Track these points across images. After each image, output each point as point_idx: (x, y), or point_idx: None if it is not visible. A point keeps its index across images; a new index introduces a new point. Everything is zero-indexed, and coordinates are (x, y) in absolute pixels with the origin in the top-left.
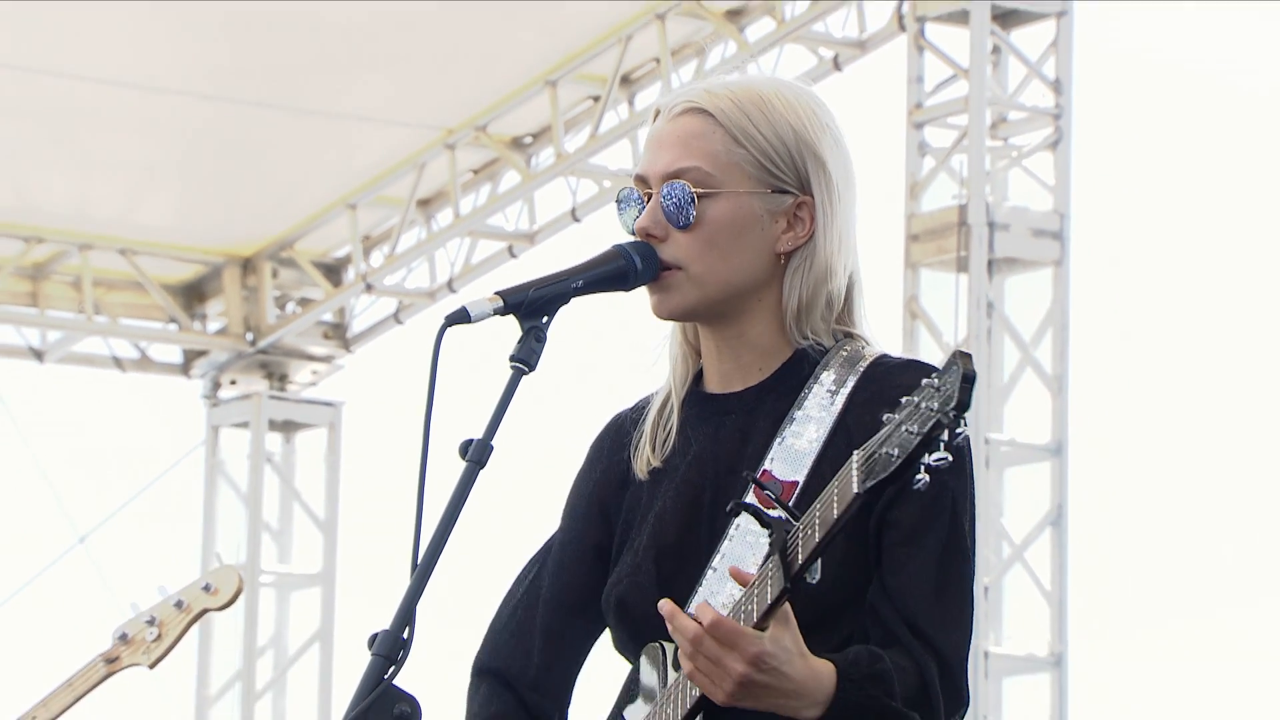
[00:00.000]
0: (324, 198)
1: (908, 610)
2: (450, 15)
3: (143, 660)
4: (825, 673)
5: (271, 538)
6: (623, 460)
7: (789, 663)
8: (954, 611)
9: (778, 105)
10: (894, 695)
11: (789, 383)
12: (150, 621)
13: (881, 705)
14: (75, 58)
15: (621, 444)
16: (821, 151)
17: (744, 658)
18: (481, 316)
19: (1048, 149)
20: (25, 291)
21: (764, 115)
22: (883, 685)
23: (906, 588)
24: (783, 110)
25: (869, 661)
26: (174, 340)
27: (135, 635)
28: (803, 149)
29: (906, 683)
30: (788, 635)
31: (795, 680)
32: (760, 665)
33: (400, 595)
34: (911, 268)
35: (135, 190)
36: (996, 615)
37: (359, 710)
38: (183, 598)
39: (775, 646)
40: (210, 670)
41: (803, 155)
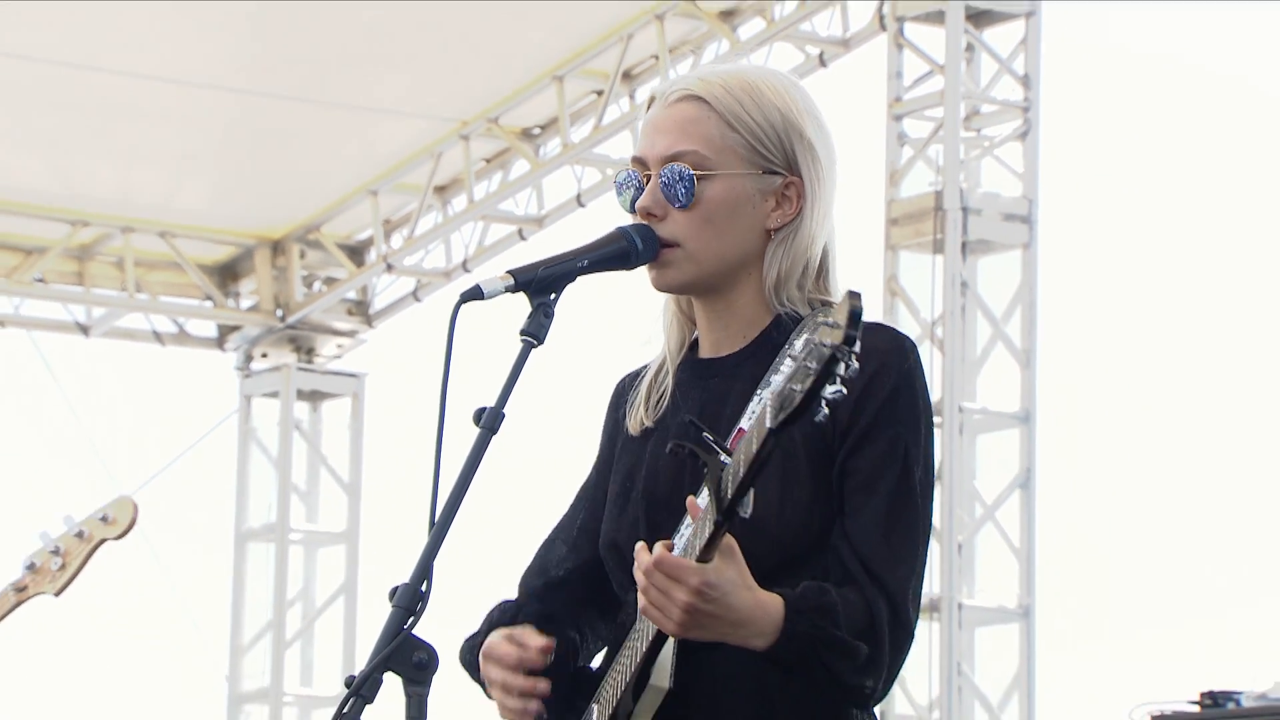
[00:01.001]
0: (348, 184)
1: (861, 550)
2: (464, 15)
3: (48, 588)
4: (773, 605)
5: (299, 499)
6: (621, 418)
7: (732, 593)
8: (903, 552)
9: (766, 92)
10: (839, 626)
11: (766, 348)
12: (55, 551)
13: (828, 636)
14: (117, 55)
15: (620, 404)
16: (807, 134)
17: (688, 588)
18: (494, 294)
19: (1017, 139)
20: (72, 271)
21: (754, 102)
22: (829, 617)
23: (861, 530)
24: (771, 97)
25: (816, 595)
26: (209, 316)
27: (42, 564)
28: (790, 132)
29: (853, 615)
30: (731, 567)
31: (740, 610)
32: (704, 595)
33: (419, 551)
34: (891, 249)
35: (174, 177)
36: (969, 570)
37: (381, 657)
38: (84, 528)
39: (718, 577)
40: (243, 621)
41: (790, 138)
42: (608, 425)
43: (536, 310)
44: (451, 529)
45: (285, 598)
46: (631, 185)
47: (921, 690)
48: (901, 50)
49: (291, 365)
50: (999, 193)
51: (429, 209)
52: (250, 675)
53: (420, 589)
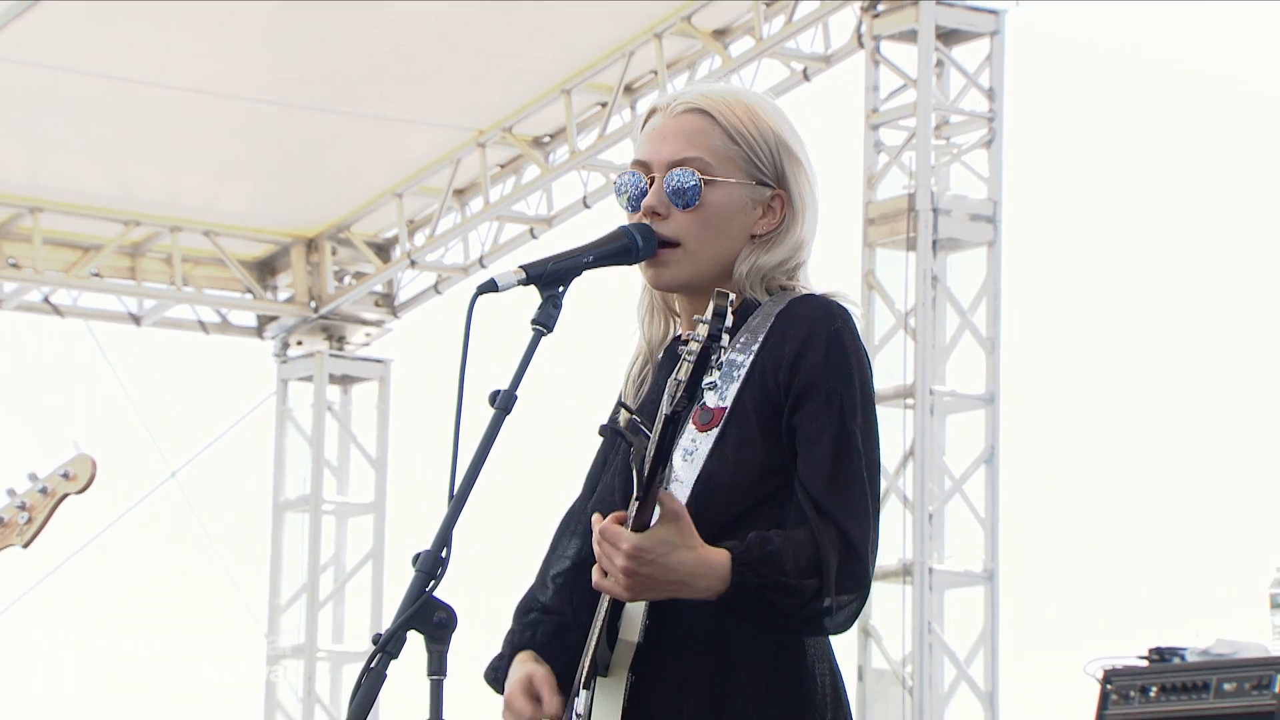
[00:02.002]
0: (375, 188)
1: (812, 493)
2: (480, 35)
3: (16, 541)
4: (718, 560)
5: (331, 473)
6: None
7: (669, 554)
8: (854, 499)
9: (761, 114)
10: (786, 571)
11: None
12: (22, 506)
13: (773, 582)
14: (166, 71)
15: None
16: (795, 152)
17: (622, 554)
18: (507, 286)
19: (983, 147)
20: (125, 266)
21: (753, 120)
22: (774, 563)
23: (809, 476)
24: (766, 118)
25: (760, 545)
26: (249, 308)
27: (10, 519)
28: (781, 150)
29: (799, 554)
30: (670, 529)
31: (679, 569)
32: (637, 559)
33: (439, 521)
34: (869, 247)
35: (217, 181)
36: (939, 538)
37: (405, 617)
38: (46, 484)
39: (649, 541)
40: (281, 584)
41: (781, 155)
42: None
43: (546, 302)
44: (469, 500)
45: (319, 563)
46: (631, 188)
47: (896, 646)
48: (878, 66)
49: (324, 352)
50: (966, 195)
51: (449, 210)
52: (287, 632)
53: (440, 555)
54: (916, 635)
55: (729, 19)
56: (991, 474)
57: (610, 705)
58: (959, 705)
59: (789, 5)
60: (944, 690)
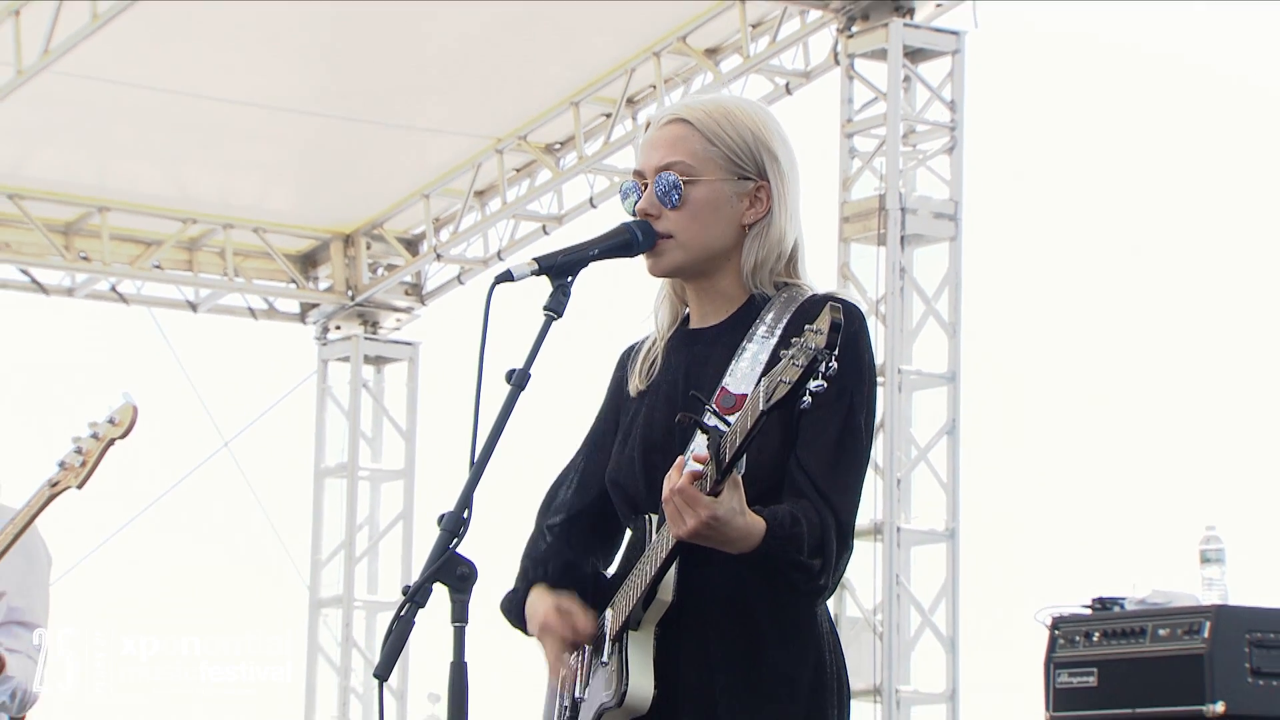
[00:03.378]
0: (405, 190)
1: (813, 475)
2: (498, 54)
3: (73, 482)
4: (756, 528)
5: (366, 443)
6: (623, 380)
7: (731, 522)
8: (848, 480)
9: (739, 116)
10: (803, 551)
11: (743, 321)
12: (78, 450)
13: (794, 560)
14: (219, 86)
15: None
16: (774, 148)
17: (698, 517)
18: (522, 276)
19: (945, 153)
20: (183, 259)
21: (729, 122)
22: (796, 544)
23: (813, 458)
24: (743, 119)
25: (790, 524)
26: (293, 296)
27: (69, 462)
28: (759, 146)
29: (813, 535)
30: (735, 499)
31: (735, 532)
32: (710, 525)
33: (461, 485)
34: (844, 242)
35: (265, 184)
36: (906, 500)
37: (430, 571)
38: (97, 430)
39: (723, 509)
40: (321, 541)
41: (759, 151)
42: (612, 385)
43: (556, 290)
44: (488, 467)
45: (355, 522)
46: (633, 192)
47: (868, 597)
48: (852, 81)
49: (360, 335)
50: (930, 196)
51: (470, 209)
52: (327, 584)
53: (463, 516)
54: (886, 587)
55: (719, 39)
56: (953, 444)
57: (641, 654)
58: (924, 649)
59: (773, 27)
60: (910, 636)
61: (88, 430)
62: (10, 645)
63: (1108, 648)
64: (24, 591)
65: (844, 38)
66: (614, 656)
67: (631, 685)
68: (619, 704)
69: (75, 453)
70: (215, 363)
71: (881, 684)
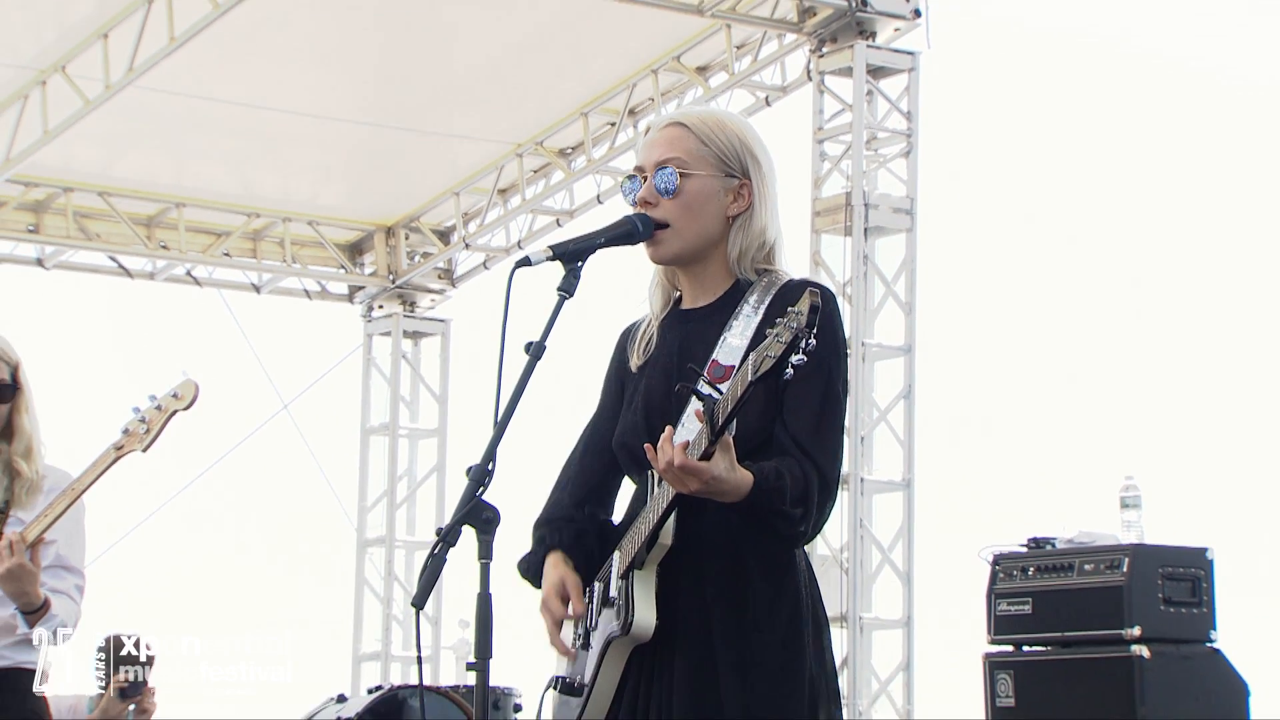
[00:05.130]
0: (438, 188)
1: (797, 435)
2: (518, 71)
3: (138, 446)
4: (746, 482)
5: (405, 406)
6: (624, 357)
7: (724, 480)
8: (829, 440)
9: (727, 124)
10: (786, 502)
11: (730, 303)
12: (142, 420)
13: (778, 510)
14: (279, 98)
15: (624, 346)
16: (756, 152)
17: (699, 481)
18: (539, 261)
19: (902, 156)
20: (248, 248)
21: (720, 128)
22: (780, 495)
23: (797, 421)
24: (731, 126)
25: (775, 478)
26: (343, 280)
27: (133, 429)
28: (743, 150)
29: (796, 488)
30: (725, 460)
31: (728, 486)
32: (708, 485)
33: (487, 441)
34: (815, 233)
35: (318, 183)
36: (869, 456)
37: (460, 515)
38: (161, 402)
39: (717, 470)
40: (367, 489)
41: (743, 154)
42: (614, 362)
43: (569, 273)
44: (509, 426)
45: (396, 474)
46: (634, 186)
47: (835, 538)
48: (822, 94)
49: (399, 314)
50: (890, 193)
51: (494, 205)
52: (372, 527)
53: (488, 468)
54: (851, 529)
55: (709, 58)
56: (909, 407)
57: (645, 590)
58: (883, 583)
59: (754, 48)
60: (872, 571)
61: (149, 401)
62: (55, 586)
63: (1041, 580)
64: (69, 539)
65: (816, 57)
66: (621, 592)
67: (637, 616)
68: (626, 632)
69: (139, 421)
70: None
71: (847, 612)
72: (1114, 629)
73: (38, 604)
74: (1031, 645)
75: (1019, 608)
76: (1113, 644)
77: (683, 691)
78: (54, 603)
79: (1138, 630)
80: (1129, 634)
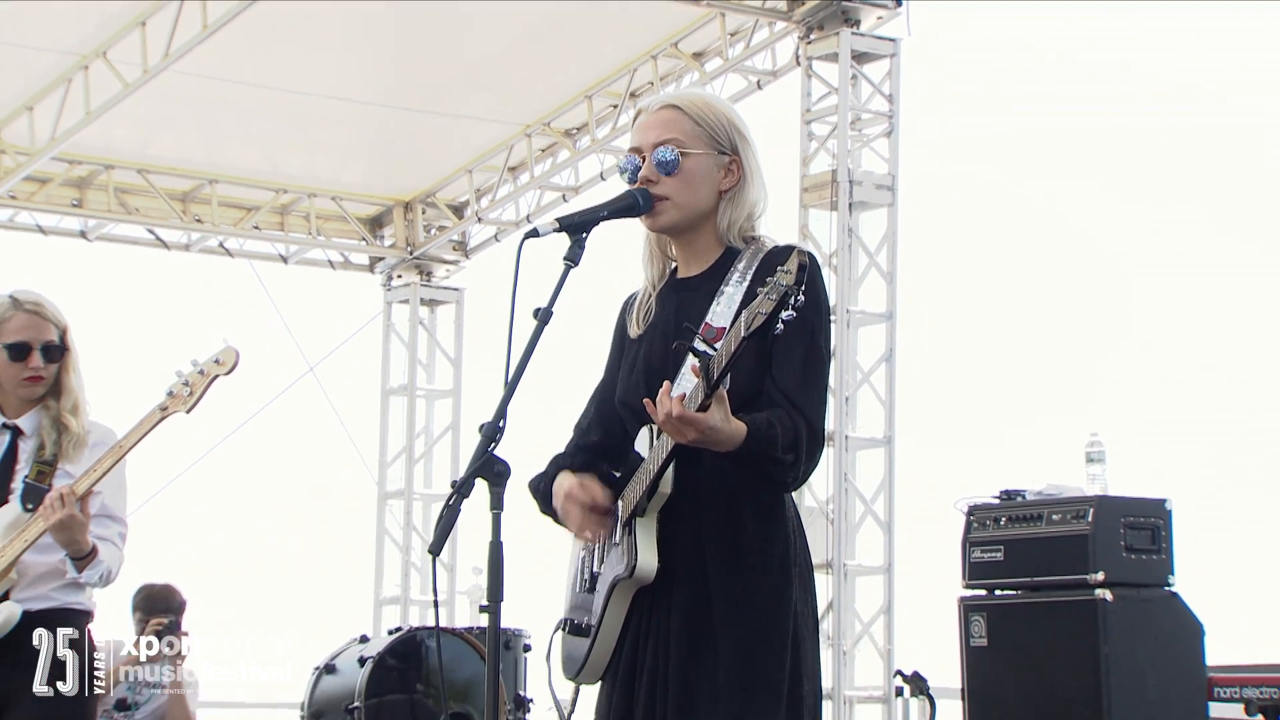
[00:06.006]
0: (452, 165)
1: (786, 389)
2: (528, 57)
3: (181, 408)
4: (740, 431)
5: (422, 368)
6: (625, 325)
7: (720, 429)
8: (814, 391)
9: (717, 105)
10: (777, 448)
11: (721, 270)
12: (185, 383)
13: (770, 455)
14: (304, 81)
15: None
16: (743, 132)
17: (695, 430)
18: (546, 233)
19: (884, 136)
20: (276, 222)
21: (711, 110)
22: (772, 442)
23: (785, 376)
24: (720, 108)
25: (767, 427)
26: (364, 251)
27: (177, 391)
28: (733, 129)
29: (786, 436)
30: (720, 411)
31: (724, 435)
32: (705, 435)
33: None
34: (804, 208)
35: (341, 161)
36: (853, 413)
37: (473, 469)
38: (203, 366)
39: (713, 420)
40: (387, 445)
41: (732, 134)
42: (617, 330)
43: (574, 244)
44: (519, 386)
45: (414, 431)
46: (630, 166)
47: (821, 490)
48: (810, 78)
49: (417, 283)
50: (873, 171)
51: (505, 182)
52: (392, 480)
53: (499, 425)
54: (836, 482)
55: (704, 45)
56: (890, 369)
57: (646, 535)
58: (866, 532)
59: (747, 35)
60: (855, 521)
61: (191, 365)
62: (100, 534)
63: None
64: (113, 490)
65: (804, 44)
66: (624, 538)
67: (640, 560)
68: (630, 575)
69: (183, 384)
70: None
71: (832, 559)
72: (1079, 574)
73: (86, 550)
74: (1003, 589)
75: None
76: (1078, 588)
77: (680, 624)
78: (100, 549)
79: (1101, 575)
80: (1093, 579)
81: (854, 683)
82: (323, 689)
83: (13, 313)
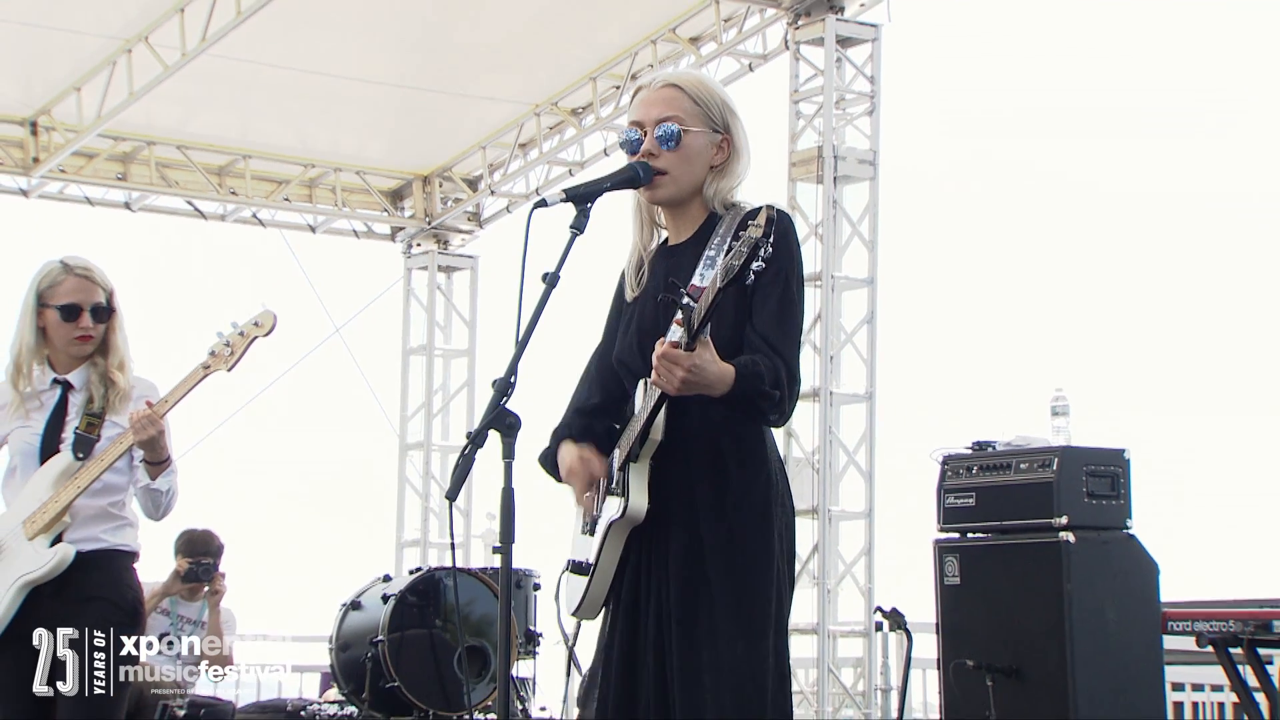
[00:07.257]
0: (467, 142)
1: (765, 334)
2: (537, 40)
3: (223, 367)
4: (729, 372)
5: (439, 330)
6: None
7: (706, 369)
8: (790, 334)
9: (711, 86)
10: (765, 384)
11: (704, 234)
12: (226, 343)
13: (760, 390)
14: (331, 64)
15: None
16: (735, 111)
17: (682, 368)
18: (554, 204)
19: (867, 115)
20: (305, 194)
21: (708, 90)
22: (759, 379)
23: (763, 322)
24: (714, 90)
25: (752, 366)
26: (386, 221)
27: (219, 350)
28: (725, 109)
29: (770, 373)
30: (707, 353)
31: (713, 377)
32: (691, 372)
33: (509, 358)
34: (792, 181)
35: (364, 137)
36: (836, 371)
37: (486, 421)
38: (243, 329)
39: (699, 360)
40: (408, 401)
41: (725, 113)
42: (615, 296)
43: (580, 213)
44: (528, 345)
45: (432, 388)
46: (632, 139)
47: (808, 441)
48: (798, 61)
49: (435, 251)
50: (856, 147)
51: (516, 157)
52: (412, 432)
53: (510, 381)
54: (821, 435)
55: (700, 30)
56: (871, 330)
57: (639, 480)
58: (849, 481)
59: (739, 20)
60: (839, 470)
61: (231, 327)
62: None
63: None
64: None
65: (792, 29)
66: (619, 483)
67: (631, 502)
68: (622, 516)
69: (224, 345)
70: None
71: (818, 505)
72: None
73: (164, 456)
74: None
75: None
76: (1043, 531)
77: (676, 564)
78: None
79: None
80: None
81: (837, 618)
82: (349, 623)
83: (64, 277)
